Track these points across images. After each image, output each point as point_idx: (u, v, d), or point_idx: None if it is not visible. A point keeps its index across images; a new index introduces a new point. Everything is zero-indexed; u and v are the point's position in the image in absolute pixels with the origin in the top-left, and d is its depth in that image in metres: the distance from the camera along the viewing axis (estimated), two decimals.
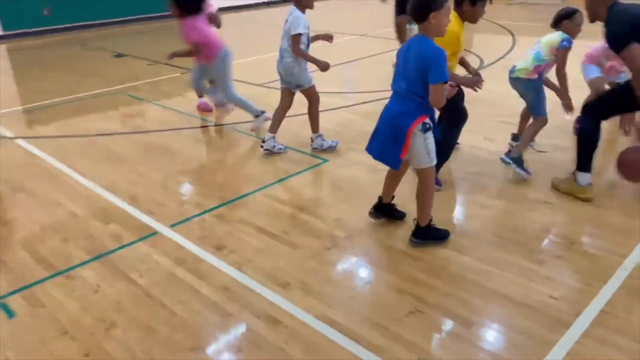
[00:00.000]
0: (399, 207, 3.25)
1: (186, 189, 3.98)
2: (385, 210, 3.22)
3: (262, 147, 4.37)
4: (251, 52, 8.63)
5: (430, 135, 2.79)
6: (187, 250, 3.04)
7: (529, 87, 3.78)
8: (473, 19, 3.45)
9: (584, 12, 3.39)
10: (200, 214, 3.45)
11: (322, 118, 4.45)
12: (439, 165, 3.63)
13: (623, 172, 3.26)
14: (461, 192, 3.68)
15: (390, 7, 6.95)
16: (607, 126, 3.96)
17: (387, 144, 2.82)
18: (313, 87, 4.23)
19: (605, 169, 3.90)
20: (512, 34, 8.68)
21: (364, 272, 2.85)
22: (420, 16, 2.62)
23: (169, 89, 6.70)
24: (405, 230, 3.09)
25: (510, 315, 2.44)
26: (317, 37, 4.18)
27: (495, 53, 7.43)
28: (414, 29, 6.76)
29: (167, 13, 4.86)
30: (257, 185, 3.82)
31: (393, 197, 3.21)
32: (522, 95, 3.98)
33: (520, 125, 4.22)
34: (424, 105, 2.73)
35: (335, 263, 2.91)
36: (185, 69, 7.09)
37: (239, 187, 3.86)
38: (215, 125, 5.31)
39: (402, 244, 3.00)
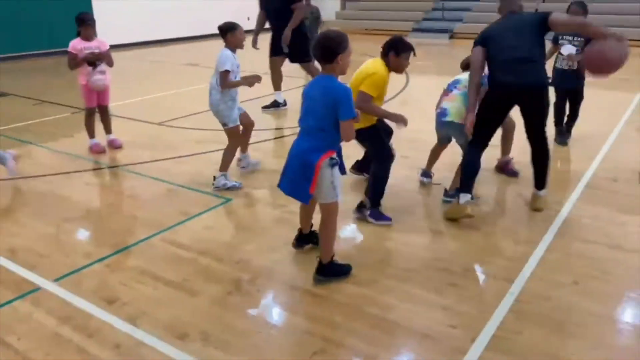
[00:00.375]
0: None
1: (74, 237, 3.69)
2: (307, 239, 3.29)
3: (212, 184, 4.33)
4: (152, 89, 8.39)
5: (336, 170, 2.85)
6: (74, 306, 2.78)
7: (464, 130, 3.77)
8: (398, 69, 3.73)
9: None
10: (89, 265, 3.19)
11: None
12: (376, 202, 3.72)
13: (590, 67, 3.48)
14: (360, 224, 3.74)
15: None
16: (491, 155, 4.28)
17: (297, 179, 2.84)
18: (237, 127, 4.30)
19: (490, 196, 4.19)
20: (406, 72, 9.22)
21: (268, 316, 2.78)
22: (328, 58, 2.73)
23: (58, 130, 6.27)
24: (309, 269, 3.06)
25: (412, 347, 2.49)
26: (246, 78, 4.27)
27: (391, 89, 7.83)
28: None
29: (58, 49, 4.57)
30: (154, 230, 3.63)
31: (312, 225, 3.25)
32: (450, 136, 4.13)
33: (429, 162, 4.37)
34: (332, 141, 2.82)
35: (238, 308, 2.81)
36: (76, 109, 6.70)
37: (134, 233, 3.64)
38: (108, 168, 5.02)
39: (307, 283, 2.98)
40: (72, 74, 5.24)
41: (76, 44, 4.98)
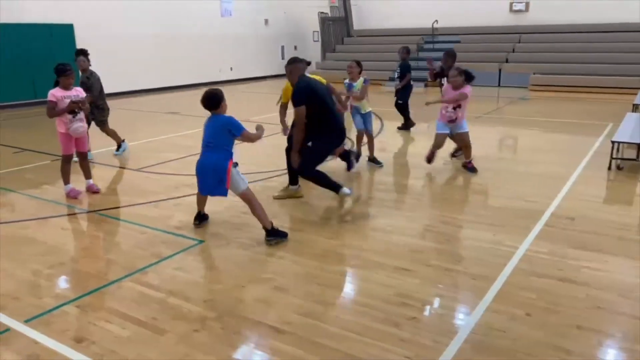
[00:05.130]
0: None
1: (47, 280, 3.74)
2: (203, 218, 4.57)
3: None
4: (135, 136, 8.58)
5: (237, 169, 4.12)
6: (42, 346, 2.84)
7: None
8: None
9: None
10: (59, 306, 3.26)
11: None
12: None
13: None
14: (319, 262, 3.86)
15: None
16: None
17: (214, 183, 4.08)
18: None
19: (450, 235, 4.35)
20: (380, 118, 9.61)
21: (231, 352, 2.86)
22: (216, 106, 4.10)
23: (35, 176, 6.38)
24: (276, 308, 3.18)
25: None
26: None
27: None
28: None
29: (39, 99, 4.75)
30: (125, 272, 3.72)
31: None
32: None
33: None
34: (230, 152, 4.10)
35: (203, 345, 2.89)
36: (56, 156, 6.83)
37: (106, 275, 3.72)
38: (85, 212, 5.12)
39: (273, 319, 3.08)
40: (54, 124, 5.39)
41: (56, 93, 5.16)
